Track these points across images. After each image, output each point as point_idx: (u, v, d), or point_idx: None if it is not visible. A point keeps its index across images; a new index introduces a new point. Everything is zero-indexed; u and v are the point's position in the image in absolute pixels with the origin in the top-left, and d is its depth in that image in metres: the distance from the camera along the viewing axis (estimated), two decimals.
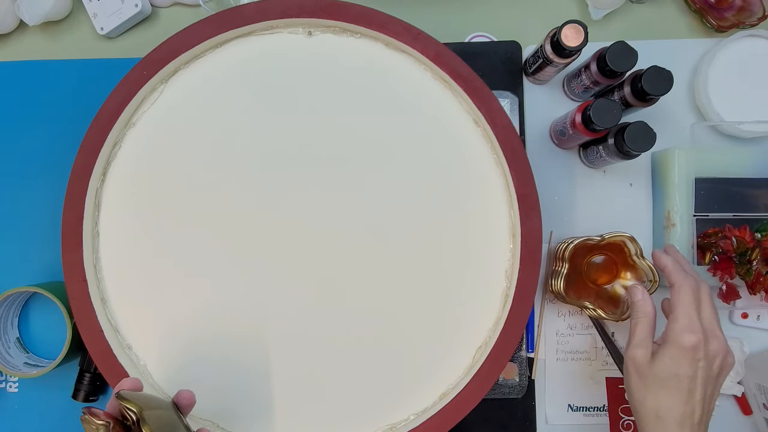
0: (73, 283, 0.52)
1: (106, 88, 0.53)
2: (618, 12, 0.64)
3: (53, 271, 0.62)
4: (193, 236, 0.53)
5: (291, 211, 0.54)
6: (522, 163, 0.53)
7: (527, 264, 0.53)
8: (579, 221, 0.63)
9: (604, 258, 0.60)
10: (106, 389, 0.61)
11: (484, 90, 0.54)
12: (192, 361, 0.52)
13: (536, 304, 0.62)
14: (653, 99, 0.56)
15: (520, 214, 0.53)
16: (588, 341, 0.62)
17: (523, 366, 0.60)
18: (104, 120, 0.53)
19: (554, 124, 0.62)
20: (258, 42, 0.55)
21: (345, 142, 0.54)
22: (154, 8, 0.65)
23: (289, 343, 0.53)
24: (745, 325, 0.62)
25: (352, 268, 0.53)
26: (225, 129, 0.54)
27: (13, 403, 0.61)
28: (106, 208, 0.54)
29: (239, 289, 0.53)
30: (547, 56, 0.57)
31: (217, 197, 0.54)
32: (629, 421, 0.61)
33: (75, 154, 0.52)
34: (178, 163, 0.54)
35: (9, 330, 0.60)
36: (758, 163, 0.59)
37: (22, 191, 0.62)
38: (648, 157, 0.63)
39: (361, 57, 0.55)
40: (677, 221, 0.59)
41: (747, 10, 0.63)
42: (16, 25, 0.64)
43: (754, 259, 0.55)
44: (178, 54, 0.54)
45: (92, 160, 0.53)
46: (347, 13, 0.54)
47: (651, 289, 0.57)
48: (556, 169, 0.63)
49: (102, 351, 0.51)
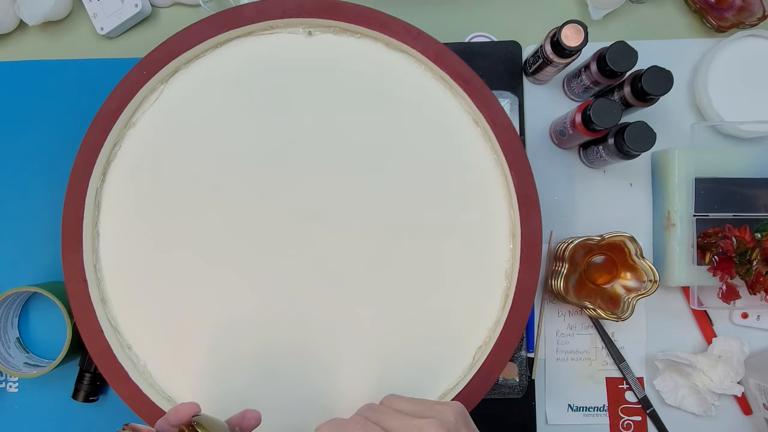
0: (73, 283, 0.52)
1: (106, 88, 0.53)
2: (618, 12, 0.64)
3: (53, 271, 0.62)
4: (194, 236, 0.53)
5: (291, 210, 0.53)
6: (522, 163, 0.53)
7: (527, 264, 0.53)
8: (579, 221, 0.63)
9: (604, 258, 0.60)
10: (106, 389, 0.61)
11: (484, 90, 0.54)
12: (195, 360, 0.52)
13: (536, 304, 0.62)
14: (653, 99, 0.56)
15: (520, 214, 0.53)
16: (588, 341, 0.62)
17: (523, 366, 0.60)
18: (104, 120, 0.53)
19: (554, 124, 0.62)
20: (258, 42, 0.55)
21: (345, 142, 0.54)
22: (154, 8, 0.65)
23: (290, 340, 0.53)
24: (745, 325, 0.62)
25: (351, 268, 0.53)
26: (225, 129, 0.54)
27: (13, 403, 0.61)
28: (106, 208, 0.54)
29: (240, 289, 0.53)
30: (547, 56, 0.57)
31: (218, 197, 0.54)
32: (629, 421, 0.61)
33: (75, 154, 0.52)
34: (179, 162, 0.54)
35: (9, 330, 0.60)
36: (758, 163, 0.59)
37: (22, 191, 0.62)
38: (648, 157, 0.63)
39: (361, 57, 0.55)
40: (677, 221, 0.59)
41: (747, 10, 0.63)
42: (16, 25, 0.64)
43: (754, 259, 0.55)
44: (178, 54, 0.53)
45: (92, 160, 0.53)
46: (347, 13, 0.54)
47: (651, 289, 0.57)
48: (556, 169, 0.63)
49: (102, 351, 0.51)
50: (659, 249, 0.62)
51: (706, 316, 0.62)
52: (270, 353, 0.52)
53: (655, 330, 0.62)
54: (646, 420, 0.61)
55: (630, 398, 0.62)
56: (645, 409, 0.61)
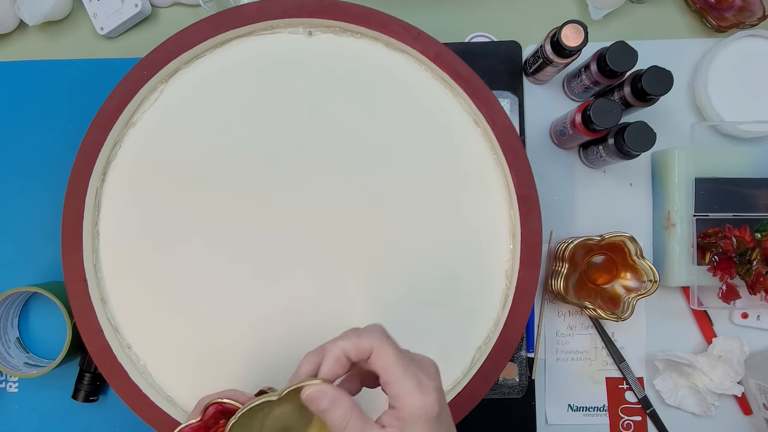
0: (73, 283, 0.52)
1: (106, 88, 0.53)
2: (618, 12, 0.64)
3: (53, 271, 0.62)
4: (194, 236, 0.53)
5: (291, 209, 0.53)
6: (522, 163, 0.53)
7: (527, 264, 0.53)
8: (579, 221, 0.63)
9: (604, 258, 0.60)
10: (106, 389, 0.61)
11: (484, 90, 0.54)
12: (195, 359, 0.52)
13: (536, 304, 0.62)
14: (653, 99, 0.56)
15: (520, 215, 0.53)
16: (588, 341, 0.62)
17: (523, 366, 0.60)
18: (104, 120, 0.53)
19: (554, 124, 0.62)
20: (258, 42, 0.55)
21: (345, 142, 0.54)
22: (154, 8, 0.65)
23: (291, 341, 0.53)
24: (745, 325, 0.62)
25: (351, 268, 0.53)
26: (225, 129, 0.54)
27: (13, 403, 0.61)
28: (106, 208, 0.54)
29: (241, 288, 0.53)
30: (547, 56, 0.57)
31: (217, 196, 0.54)
32: (629, 421, 0.61)
33: (75, 154, 0.52)
34: (178, 162, 0.54)
35: (9, 330, 0.60)
36: (758, 163, 0.59)
37: (22, 191, 0.62)
38: (648, 157, 0.63)
39: (362, 57, 0.55)
40: (677, 221, 0.59)
41: (747, 10, 0.63)
42: (16, 25, 0.64)
43: (754, 259, 0.55)
44: (178, 54, 0.53)
45: (92, 160, 0.53)
46: (348, 13, 0.54)
47: (651, 289, 0.57)
48: (556, 169, 0.63)
49: (102, 351, 0.51)
50: (659, 249, 0.62)
51: (706, 316, 0.62)
52: (271, 353, 0.52)
53: (655, 330, 0.62)
54: (646, 420, 0.61)
55: (630, 398, 0.62)
56: (645, 409, 0.61)
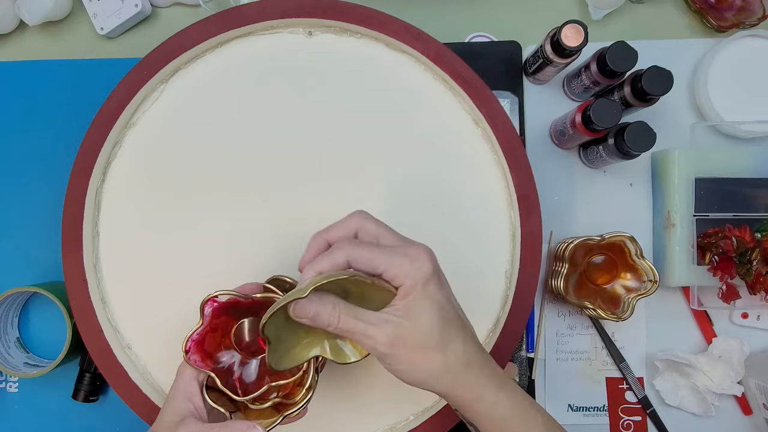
0: (73, 283, 0.52)
1: (106, 88, 0.53)
2: (618, 12, 0.64)
3: (53, 271, 0.62)
4: (193, 236, 0.53)
5: (291, 208, 0.53)
6: (522, 163, 0.53)
7: (527, 264, 0.53)
8: (579, 221, 0.63)
9: (604, 258, 0.60)
10: (106, 389, 0.61)
11: (484, 90, 0.54)
12: None
13: (536, 304, 0.62)
14: (653, 99, 0.56)
15: (520, 215, 0.53)
16: (588, 341, 0.62)
17: (523, 366, 0.60)
18: (104, 120, 0.53)
19: (554, 124, 0.62)
20: (258, 42, 0.55)
21: (345, 142, 0.54)
22: (154, 8, 0.65)
23: None
24: (745, 325, 0.62)
25: None
26: (225, 129, 0.54)
27: (13, 403, 0.61)
28: (106, 208, 0.54)
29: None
30: (547, 56, 0.57)
31: (217, 197, 0.53)
32: (629, 421, 0.61)
33: (75, 154, 0.52)
34: (178, 162, 0.54)
35: (9, 330, 0.60)
36: (758, 163, 0.59)
37: (21, 191, 0.62)
38: (648, 157, 0.63)
39: (362, 57, 0.55)
40: (677, 221, 0.59)
41: (747, 10, 0.63)
42: (16, 25, 0.64)
43: (754, 259, 0.55)
44: (178, 54, 0.53)
45: (92, 160, 0.53)
46: (348, 13, 0.54)
47: (651, 289, 0.57)
48: (556, 169, 0.63)
49: (102, 351, 0.51)
50: (659, 249, 0.62)
51: (706, 316, 0.62)
52: None
53: (655, 330, 0.62)
54: (646, 420, 0.61)
55: (630, 398, 0.62)
56: (645, 409, 0.61)
